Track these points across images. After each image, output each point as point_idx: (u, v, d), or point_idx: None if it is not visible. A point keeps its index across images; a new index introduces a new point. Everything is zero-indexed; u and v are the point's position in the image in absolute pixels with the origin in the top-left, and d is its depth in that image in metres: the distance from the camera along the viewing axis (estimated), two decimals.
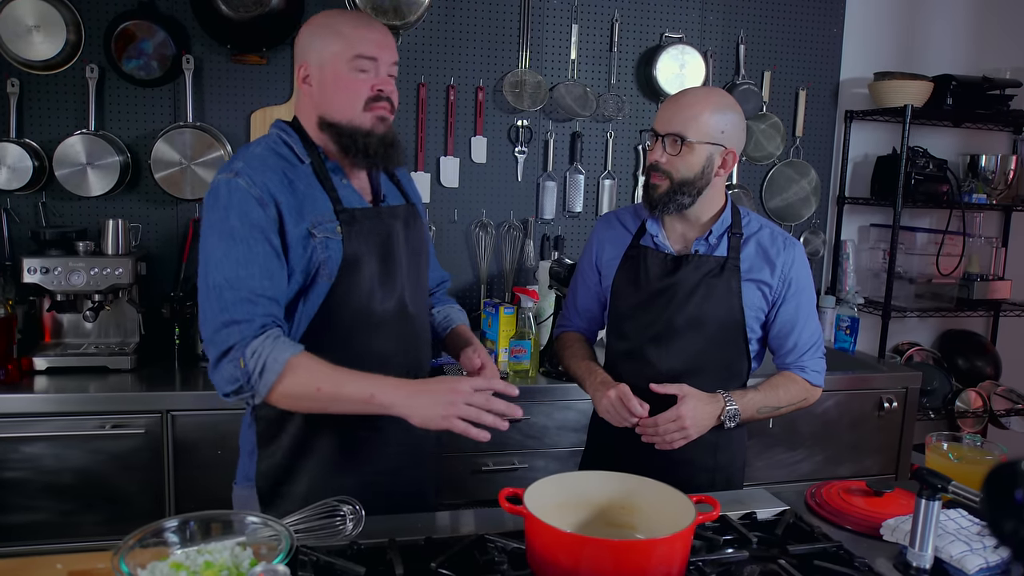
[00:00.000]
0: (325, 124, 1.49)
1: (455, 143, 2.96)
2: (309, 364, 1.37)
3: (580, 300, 1.95)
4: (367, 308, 1.49)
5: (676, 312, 1.74)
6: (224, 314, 1.38)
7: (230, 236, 1.39)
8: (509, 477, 2.50)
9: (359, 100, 1.47)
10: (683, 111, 1.67)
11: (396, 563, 1.22)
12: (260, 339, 1.37)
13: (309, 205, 1.45)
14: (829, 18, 3.29)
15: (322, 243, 1.44)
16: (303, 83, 1.50)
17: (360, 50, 1.46)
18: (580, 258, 1.96)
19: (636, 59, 3.11)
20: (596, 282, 1.89)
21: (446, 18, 2.91)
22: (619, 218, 1.88)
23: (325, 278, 1.45)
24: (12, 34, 2.51)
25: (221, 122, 2.75)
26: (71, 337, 2.57)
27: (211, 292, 1.40)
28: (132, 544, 1.10)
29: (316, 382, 1.36)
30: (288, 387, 1.36)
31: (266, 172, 1.43)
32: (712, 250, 1.75)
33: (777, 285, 1.76)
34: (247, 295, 1.38)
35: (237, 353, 1.37)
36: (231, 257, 1.39)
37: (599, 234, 1.89)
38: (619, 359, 1.82)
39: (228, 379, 1.38)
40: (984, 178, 3.34)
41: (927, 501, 1.26)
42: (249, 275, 1.38)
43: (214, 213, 1.42)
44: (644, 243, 1.80)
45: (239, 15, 2.60)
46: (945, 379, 3.34)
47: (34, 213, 2.66)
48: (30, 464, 2.21)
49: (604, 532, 1.31)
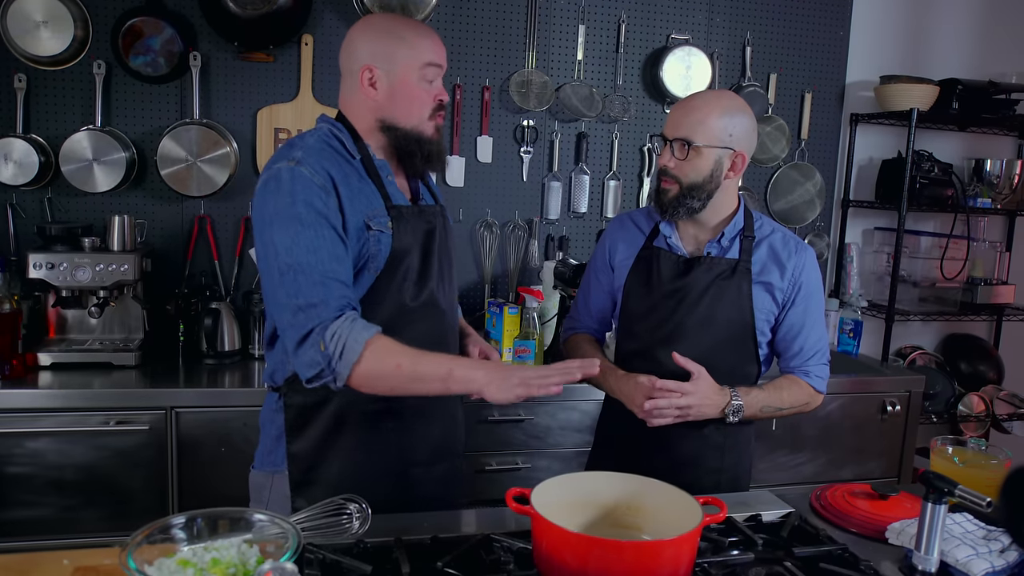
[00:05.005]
0: (387, 127, 1.53)
1: (461, 142, 2.96)
2: (387, 344, 1.38)
3: (593, 299, 1.93)
4: (403, 302, 1.52)
5: (687, 313, 1.74)
6: (299, 298, 1.38)
7: (298, 221, 1.40)
8: (513, 477, 2.50)
9: (426, 109, 1.54)
10: (690, 115, 1.67)
11: (402, 562, 1.22)
12: (339, 321, 1.37)
13: (363, 198, 1.48)
14: (835, 21, 3.29)
15: (375, 236, 1.47)
16: (368, 86, 1.51)
17: (429, 59, 1.52)
18: (592, 258, 1.96)
19: (642, 60, 3.11)
20: (610, 281, 1.89)
21: (453, 18, 2.91)
22: (633, 219, 1.88)
23: (371, 270, 1.48)
24: (20, 29, 2.51)
25: (227, 119, 2.76)
26: (76, 333, 2.57)
27: (284, 277, 1.39)
28: (140, 540, 1.10)
29: (396, 359, 1.37)
30: (368, 367, 1.36)
31: (325, 161, 1.46)
32: (724, 252, 1.76)
33: (787, 288, 1.76)
34: (320, 278, 1.38)
35: (317, 336, 1.37)
36: (300, 243, 1.39)
37: (612, 234, 1.89)
38: (628, 358, 1.82)
39: (309, 363, 1.38)
40: (989, 182, 3.33)
41: (933, 505, 1.26)
42: (319, 260, 1.39)
43: (278, 199, 1.41)
44: (657, 244, 1.80)
45: (247, 13, 2.60)
46: (948, 383, 3.33)
47: (40, 209, 2.66)
48: (34, 460, 2.21)
49: (610, 533, 1.31)
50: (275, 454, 1.57)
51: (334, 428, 1.53)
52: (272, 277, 1.42)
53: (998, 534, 1.39)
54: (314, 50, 2.77)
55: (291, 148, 1.48)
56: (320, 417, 1.53)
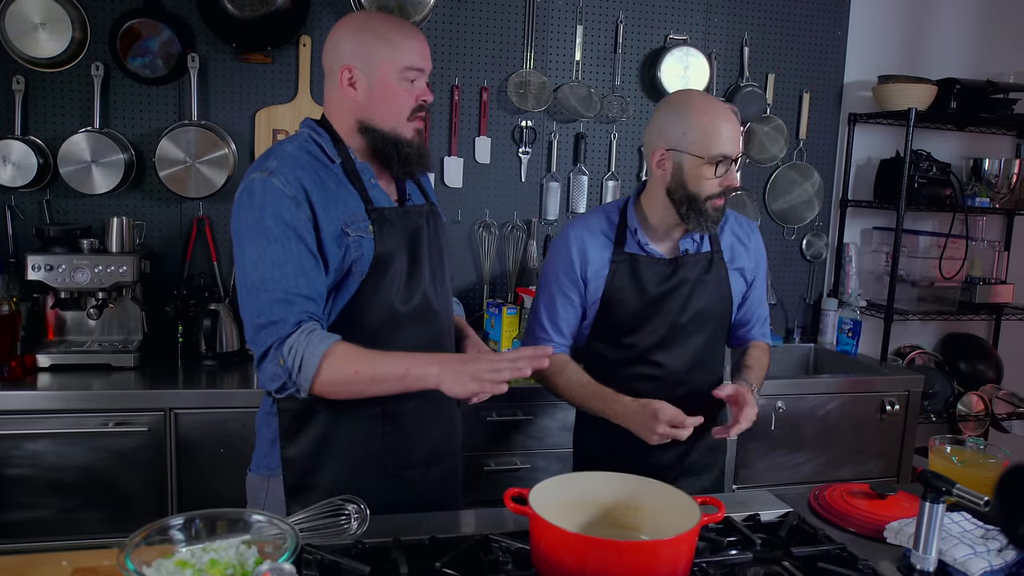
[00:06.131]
0: (365, 129, 1.51)
1: (459, 143, 2.96)
2: (344, 350, 1.39)
3: (563, 317, 1.84)
4: (392, 305, 1.51)
5: (679, 313, 1.76)
6: (261, 316, 1.41)
7: (264, 236, 1.41)
8: (512, 477, 2.50)
9: (406, 110, 1.51)
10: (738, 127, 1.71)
11: (401, 562, 1.22)
12: (295, 335, 1.39)
13: (341, 204, 1.47)
14: (833, 21, 3.29)
15: (356, 242, 1.46)
16: (347, 87, 1.49)
17: (411, 62, 1.49)
18: (552, 273, 1.83)
19: (640, 61, 3.11)
20: (580, 294, 1.82)
21: (451, 18, 2.91)
22: (595, 226, 1.82)
23: (356, 276, 1.48)
24: (18, 31, 2.51)
25: (226, 121, 2.76)
26: (74, 334, 2.57)
27: (249, 295, 1.43)
28: (138, 541, 1.10)
29: (353, 366, 1.39)
30: (328, 376, 1.38)
31: (300, 170, 1.45)
32: (699, 247, 1.81)
33: (752, 267, 1.87)
34: (282, 296, 1.40)
35: (276, 352, 1.39)
36: (266, 259, 1.40)
37: (579, 244, 1.80)
38: (616, 368, 1.80)
39: (271, 377, 1.42)
40: (987, 182, 3.34)
41: (931, 504, 1.26)
42: (284, 275, 1.40)
43: (249, 213, 1.43)
44: (629, 250, 1.79)
45: (244, 14, 2.60)
46: (947, 382, 3.34)
47: (38, 210, 2.66)
48: (33, 461, 2.21)
49: (609, 533, 1.31)
50: (270, 458, 1.56)
51: (328, 433, 1.52)
52: (241, 292, 1.45)
53: (996, 533, 1.39)
54: (312, 51, 2.77)
55: (267, 158, 1.48)
56: (314, 422, 1.52)
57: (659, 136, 1.72)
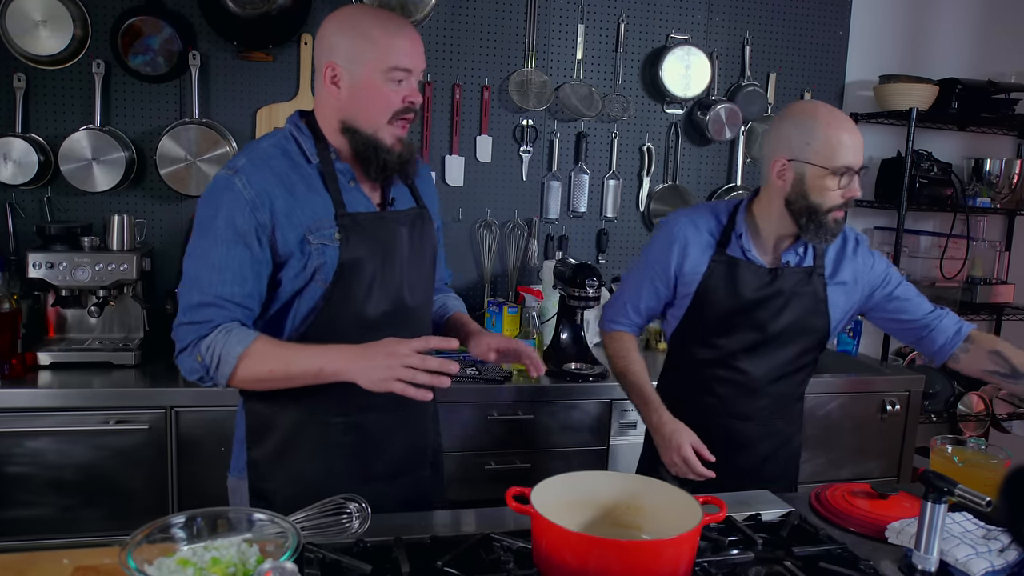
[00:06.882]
0: (347, 129, 1.45)
1: (460, 142, 2.96)
2: (261, 349, 1.39)
3: (645, 300, 1.88)
4: (362, 311, 1.47)
5: (771, 322, 1.77)
6: (187, 314, 1.42)
7: (213, 236, 1.40)
8: (513, 477, 2.50)
9: (388, 112, 1.44)
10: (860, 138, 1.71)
11: (402, 561, 1.21)
12: (213, 334, 1.39)
13: (308, 209, 1.43)
14: (835, 21, 3.29)
15: (319, 249, 1.43)
16: (331, 84, 1.44)
17: (396, 62, 1.41)
18: (648, 256, 1.88)
19: (642, 60, 3.11)
20: (669, 287, 1.84)
21: (452, 17, 2.91)
22: (703, 223, 1.83)
23: (319, 282, 1.44)
24: (19, 29, 2.51)
25: (227, 119, 2.75)
26: (75, 332, 2.57)
27: (184, 286, 1.44)
28: (139, 540, 1.10)
29: (268, 365, 1.39)
30: (244, 374, 1.39)
31: (268, 171, 1.42)
32: (801, 260, 1.79)
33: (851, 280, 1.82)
34: (213, 299, 1.40)
35: (194, 349, 1.40)
36: (208, 258, 1.40)
37: (682, 242, 1.81)
38: (703, 367, 1.83)
39: (189, 370, 1.44)
40: (988, 182, 3.34)
41: (933, 504, 1.26)
42: (221, 280, 1.39)
43: (206, 209, 1.42)
44: (731, 252, 1.79)
45: (246, 12, 2.60)
46: (947, 382, 3.33)
47: (39, 208, 2.66)
48: (34, 459, 2.21)
49: (610, 532, 1.31)
50: (239, 459, 1.56)
51: (292, 437, 1.50)
52: (182, 281, 1.45)
53: (998, 533, 1.39)
54: (313, 49, 2.77)
55: (239, 155, 1.46)
56: (278, 425, 1.50)
57: (782, 146, 1.70)
